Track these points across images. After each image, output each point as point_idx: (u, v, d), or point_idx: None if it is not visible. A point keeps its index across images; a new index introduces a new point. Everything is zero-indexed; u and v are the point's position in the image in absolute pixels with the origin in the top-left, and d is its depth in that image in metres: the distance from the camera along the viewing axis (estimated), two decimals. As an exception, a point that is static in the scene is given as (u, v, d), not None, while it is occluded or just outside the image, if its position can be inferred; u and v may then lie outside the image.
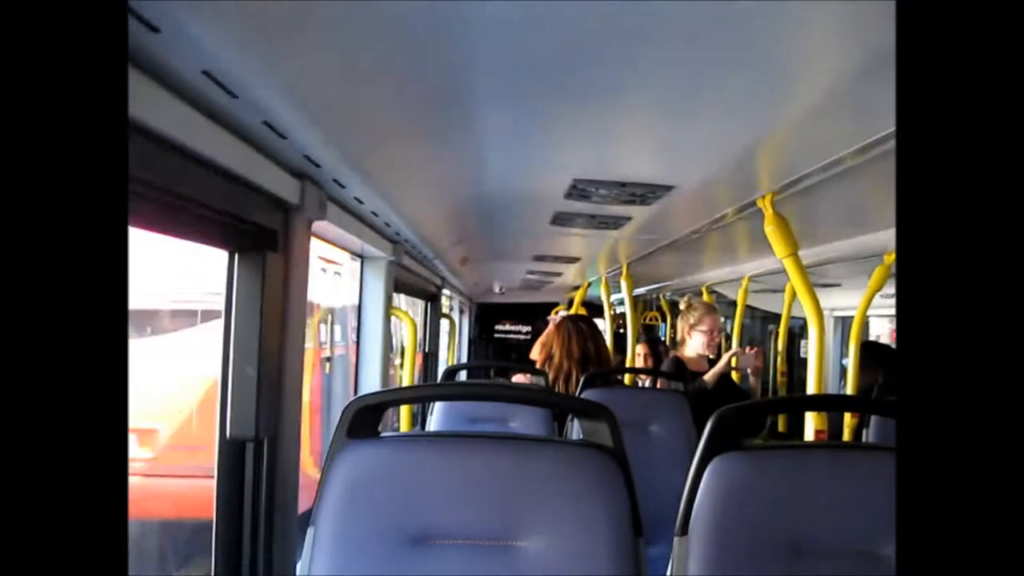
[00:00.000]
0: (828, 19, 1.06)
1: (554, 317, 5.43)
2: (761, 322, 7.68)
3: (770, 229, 2.25)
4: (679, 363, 3.97)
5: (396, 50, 1.17)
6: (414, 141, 1.75)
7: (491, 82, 1.35)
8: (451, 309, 7.07)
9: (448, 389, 2.34)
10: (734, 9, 1.01)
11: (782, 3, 1.00)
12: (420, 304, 4.91)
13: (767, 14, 1.03)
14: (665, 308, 7.28)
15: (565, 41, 1.17)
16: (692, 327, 4.03)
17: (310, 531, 1.38)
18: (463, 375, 5.75)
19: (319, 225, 1.91)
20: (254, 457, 1.63)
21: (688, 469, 1.46)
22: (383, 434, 1.47)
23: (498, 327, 9.06)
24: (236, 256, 1.54)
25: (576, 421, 3.00)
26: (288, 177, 1.59)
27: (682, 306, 4.38)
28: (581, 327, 3.64)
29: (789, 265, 2.29)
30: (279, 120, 1.29)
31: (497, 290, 7.67)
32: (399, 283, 3.21)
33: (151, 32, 0.91)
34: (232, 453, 1.61)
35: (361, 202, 2.09)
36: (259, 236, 1.56)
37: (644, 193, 2.28)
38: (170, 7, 0.87)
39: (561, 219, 2.87)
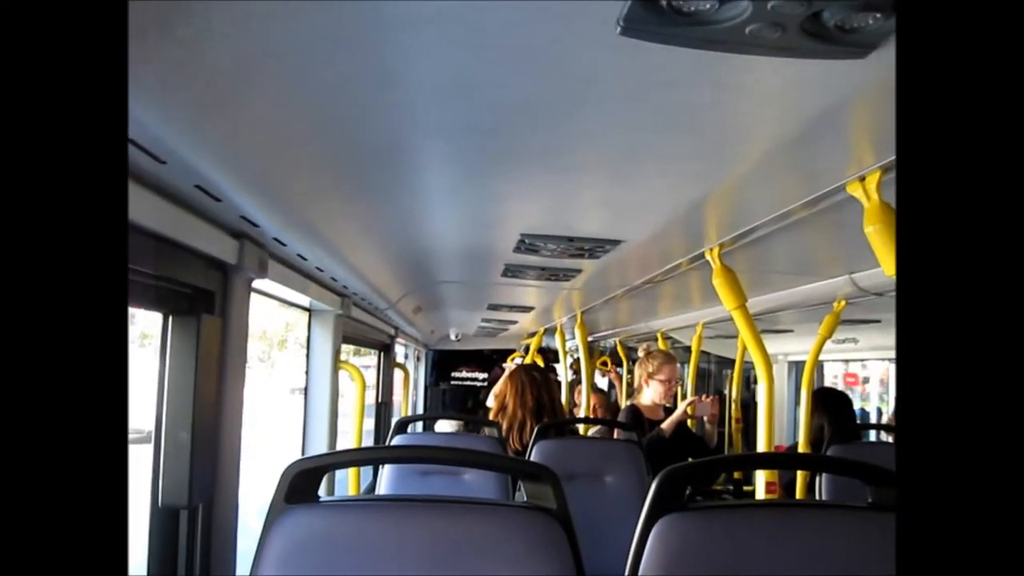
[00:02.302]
0: (764, 84, 1.06)
1: (509, 365, 5.40)
2: (716, 367, 7.72)
3: (718, 282, 2.26)
4: (635, 412, 3.95)
5: (332, 113, 1.15)
6: (356, 198, 1.73)
7: (432, 144, 1.34)
8: (406, 357, 7.01)
9: (389, 452, 2.30)
10: (669, 76, 1.01)
11: (718, 69, 0.99)
12: (373, 354, 4.86)
13: (704, 80, 1.03)
14: (621, 354, 7.29)
15: (504, 105, 1.16)
16: (650, 375, 4.01)
17: None
18: (418, 425, 5.68)
19: (261, 282, 1.88)
20: (188, 525, 1.57)
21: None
22: (323, 499, 1.43)
23: (455, 374, 9.00)
24: (170, 319, 1.50)
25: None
26: (225, 237, 1.56)
27: (640, 353, 4.37)
28: (535, 376, 3.62)
29: (738, 316, 2.29)
30: (212, 183, 1.27)
31: (453, 337, 7.63)
32: (349, 335, 3.16)
33: None
34: (164, 521, 1.56)
35: (305, 258, 2.06)
36: (195, 298, 1.53)
37: (592, 247, 2.27)
38: None
39: (512, 271, 2.86)
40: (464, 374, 8.97)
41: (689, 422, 4.09)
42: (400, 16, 0.87)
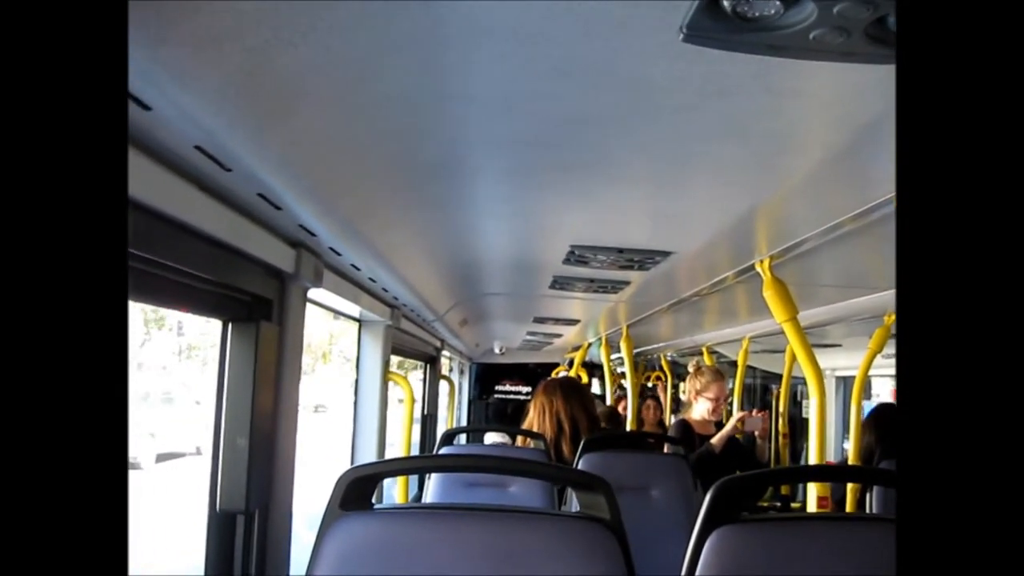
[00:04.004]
0: (820, 90, 1.06)
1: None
2: (762, 382, 7.64)
3: (768, 294, 2.25)
4: (686, 427, 3.93)
5: (390, 125, 1.17)
6: (410, 209, 1.75)
7: (486, 156, 1.36)
8: (451, 370, 7.03)
9: (443, 461, 2.31)
10: (726, 83, 1.02)
11: (775, 76, 1.00)
12: (418, 366, 4.89)
13: (761, 87, 1.04)
14: (666, 368, 7.25)
15: (557, 117, 1.17)
16: (699, 392, 3.99)
17: None
18: (462, 438, 5.71)
19: (315, 292, 1.91)
20: (244, 530, 1.60)
21: (689, 535, 1.43)
22: (376, 506, 1.45)
23: (498, 387, 9.01)
24: (230, 326, 1.53)
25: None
26: (284, 246, 1.59)
27: (691, 368, 4.35)
28: (566, 390, 3.60)
29: (789, 329, 2.28)
30: (273, 192, 1.29)
31: (497, 350, 7.64)
32: (397, 347, 3.19)
33: (143, 110, 0.91)
34: (222, 526, 1.58)
35: (358, 268, 2.09)
36: (254, 306, 1.55)
37: (642, 259, 2.28)
38: (162, 85, 0.88)
39: (560, 283, 2.87)
40: (507, 387, 8.97)
41: (738, 436, 4.05)
42: (461, 28, 0.89)
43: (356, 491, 1.41)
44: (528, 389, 8.79)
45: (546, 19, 0.86)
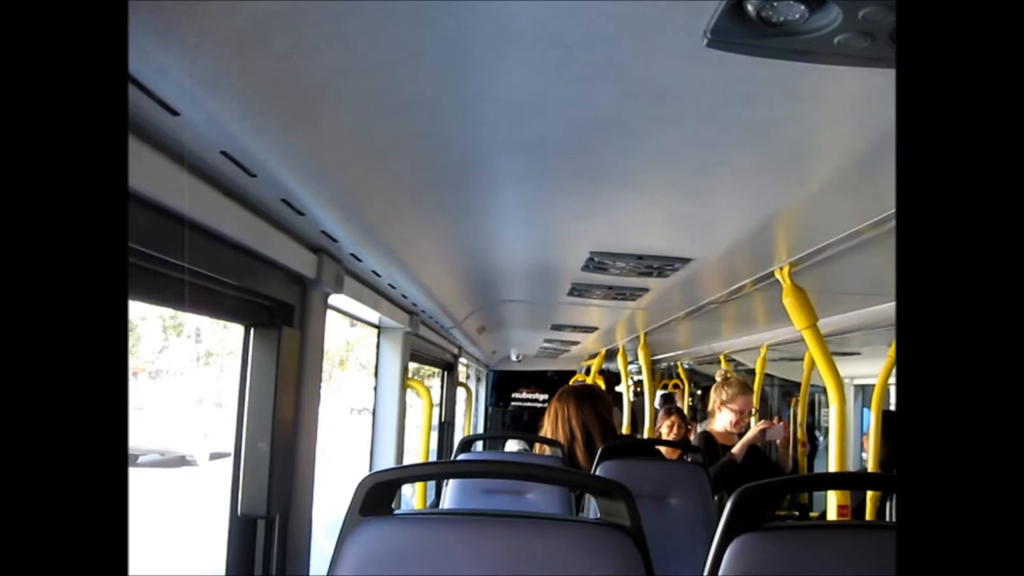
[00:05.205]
0: (844, 95, 1.06)
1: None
2: (780, 390, 7.60)
3: (788, 301, 2.24)
4: (709, 438, 3.92)
5: (413, 130, 1.18)
6: (431, 215, 1.76)
7: (507, 161, 1.36)
8: (467, 377, 7.04)
9: (464, 466, 2.31)
10: (747, 89, 1.02)
11: (798, 81, 1.00)
12: (435, 373, 4.89)
13: (783, 92, 1.04)
14: (683, 376, 7.22)
15: (579, 122, 1.17)
16: (724, 403, 3.99)
17: None
18: (479, 445, 5.71)
19: (335, 298, 1.92)
20: (265, 534, 1.61)
21: (707, 544, 1.42)
22: (396, 512, 1.45)
23: (515, 395, 9.00)
24: (252, 331, 1.54)
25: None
26: (305, 252, 1.60)
27: (718, 377, 4.34)
28: (579, 397, 3.60)
29: (808, 336, 2.27)
30: (297, 197, 1.30)
31: (514, 358, 7.63)
32: (415, 353, 3.19)
33: (171, 115, 0.92)
34: (243, 531, 1.59)
35: (378, 275, 2.10)
36: (276, 311, 1.56)
37: (661, 265, 2.27)
38: (190, 90, 0.89)
39: (579, 290, 2.87)
40: (524, 395, 8.96)
41: (759, 445, 4.04)
42: (487, 32, 0.89)
43: (376, 496, 1.41)
44: (545, 397, 8.78)
45: (571, 23, 0.86)
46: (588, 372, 6.68)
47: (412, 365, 3.70)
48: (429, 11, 0.84)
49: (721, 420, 3.99)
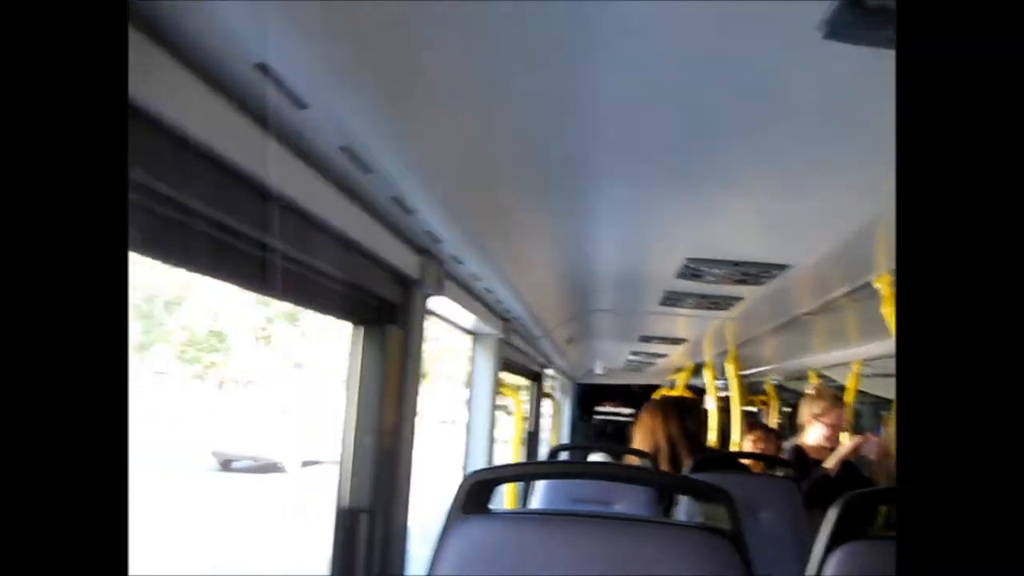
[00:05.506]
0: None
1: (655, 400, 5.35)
2: (871, 407, 7.39)
3: (888, 311, 2.19)
4: (800, 452, 3.83)
5: (522, 125, 1.20)
6: (530, 217, 1.78)
7: (609, 159, 1.38)
8: (553, 389, 7.04)
9: (562, 467, 2.33)
10: (862, 83, 1.01)
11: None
12: (521, 386, 4.92)
13: (889, 87, 1.03)
14: (770, 392, 7.08)
15: (684, 122, 1.18)
16: (816, 416, 3.89)
17: None
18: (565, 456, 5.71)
19: (433, 301, 1.96)
20: (368, 528, 1.64)
21: (799, 559, 1.41)
22: (495, 510, 1.47)
23: (598, 408, 8.94)
24: (361, 329, 1.59)
25: (682, 506, 2.93)
26: (410, 252, 1.65)
27: (809, 390, 4.25)
28: (666, 410, 3.58)
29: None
30: (408, 195, 1.34)
31: (599, 370, 7.59)
32: (506, 361, 3.23)
33: (299, 109, 0.96)
34: (347, 523, 1.63)
35: (477, 279, 2.13)
36: (381, 309, 1.61)
37: (758, 272, 2.25)
38: (318, 84, 0.93)
39: (671, 299, 2.86)
40: (607, 408, 8.90)
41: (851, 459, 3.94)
42: (602, 28, 0.91)
43: (476, 495, 1.43)
44: (631, 411, 8.71)
45: (691, 13, 0.87)
46: (673, 386, 6.61)
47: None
48: (548, 8, 0.86)
49: (812, 434, 3.89)
